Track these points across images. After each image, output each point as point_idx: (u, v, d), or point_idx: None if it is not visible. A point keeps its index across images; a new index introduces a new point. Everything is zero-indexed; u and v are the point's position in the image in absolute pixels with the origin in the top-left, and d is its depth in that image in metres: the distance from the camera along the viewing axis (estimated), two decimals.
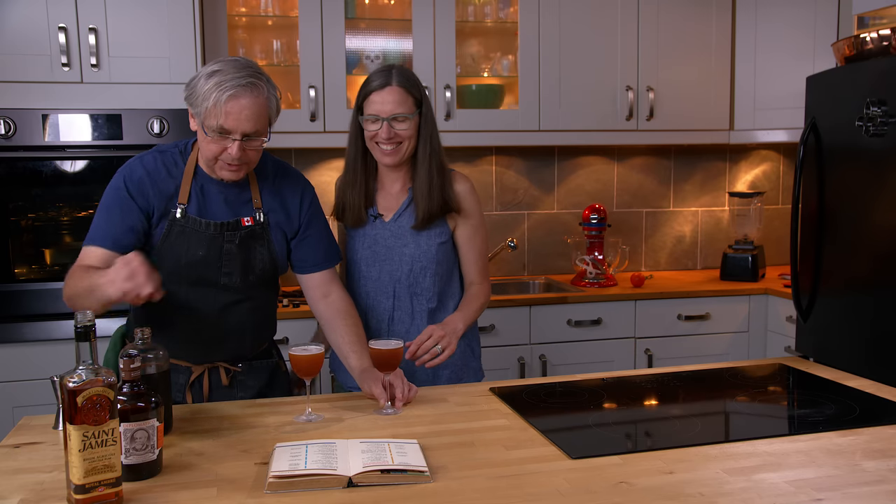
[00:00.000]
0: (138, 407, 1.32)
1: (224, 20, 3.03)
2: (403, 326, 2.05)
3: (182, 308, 1.80)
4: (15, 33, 2.69)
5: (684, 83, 3.46)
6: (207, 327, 1.82)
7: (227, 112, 1.64)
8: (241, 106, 1.64)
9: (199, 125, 1.69)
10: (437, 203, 2.01)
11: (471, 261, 2.11)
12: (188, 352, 1.84)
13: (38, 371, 2.69)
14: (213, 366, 1.87)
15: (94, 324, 1.25)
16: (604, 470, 1.35)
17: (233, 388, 1.89)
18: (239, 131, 1.66)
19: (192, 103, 1.69)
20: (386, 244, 2.04)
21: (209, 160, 1.73)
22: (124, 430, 1.29)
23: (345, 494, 1.26)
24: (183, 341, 1.82)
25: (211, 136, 1.67)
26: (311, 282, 1.91)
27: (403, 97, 1.95)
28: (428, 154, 2.01)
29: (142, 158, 1.80)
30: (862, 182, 2.54)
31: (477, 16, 3.37)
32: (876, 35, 2.55)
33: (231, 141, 1.67)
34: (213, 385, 1.86)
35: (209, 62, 1.71)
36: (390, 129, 1.95)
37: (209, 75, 1.65)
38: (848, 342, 2.61)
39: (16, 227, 2.76)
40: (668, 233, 3.88)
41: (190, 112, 1.72)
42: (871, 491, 1.25)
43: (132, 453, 1.31)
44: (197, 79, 1.68)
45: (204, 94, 1.64)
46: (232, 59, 1.69)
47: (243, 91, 1.64)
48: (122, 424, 1.29)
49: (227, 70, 1.65)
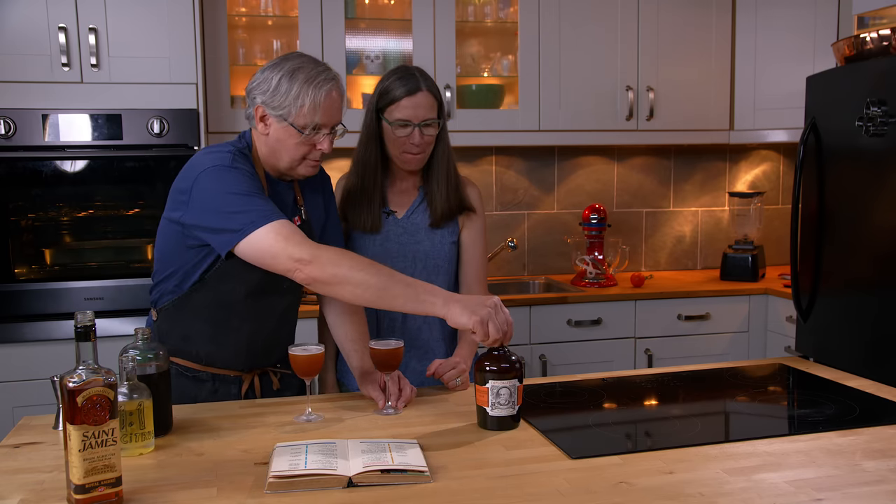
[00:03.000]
0: (503, 368, 1.52)
1: (224, 20, 3.03)
2: (416, 323, 2.05)
3: (244, 317, 1.76)
4: (15, 33, 2.69)
5: (684, 83, 3.46)
6: (266, 335, 1.81)
7: (325, 107, 1.64)
8: (334, 99, 1.66)
9: (286, 126, 1.64)
10: (454, 202, 2.02)
11: (473, 263, 2.10)
12: (245, 361, 1.81)
13: (38, 371, 2.69)
14: (262, 371, 1.86)
15: (94, 324, 1.25)
16: (604, 470, 1.34)
17: (282, 390, 1.89)
18: (332, 124, 1.67)
19: (275, 106, 1.64)
20: (398, 241, 2.03)
21: (295, 160, 1.69)
22: (491, 387, 1.53)
23: (345, 494, 1.26)
24: (244, 352, 1.80)
25: (307, 134, 1.64)
26: None
27: (432, 102, 1.94)
28: (446, 155, 2.02)
29: (233, 155, 1.66)
30: (862, 182, 2.54)
31: (477, 16, 3.37)
32: (876, 35, 2.55)
33: (322, 136, 1.67)
34: (264, 391, 1.86)
35: (272, 61, 1.67)
36: (422, 135, 1.93)
37: (291, 74, 1.62)
38: (848, 342, 2.61)
39: (16, 227, 2.76)
40: (668, 233, 3.88)
41: (261, 115, 1.67)
42: (871, 491, 1.25)
43: (497, 407, 1.52)
44: (274, 80, 1.63)
45: (296, 94, 1.62)
46: (295, 55, 1.68)
47: (335, 84, 1.65)
48: (490, 381, 1.52)
49: (308, 66, 1.64)
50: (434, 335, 2.05)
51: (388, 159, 2.01)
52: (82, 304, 2.77)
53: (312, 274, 1.53)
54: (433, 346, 2.06)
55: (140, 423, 1.43)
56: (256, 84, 1.67)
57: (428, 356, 2.05)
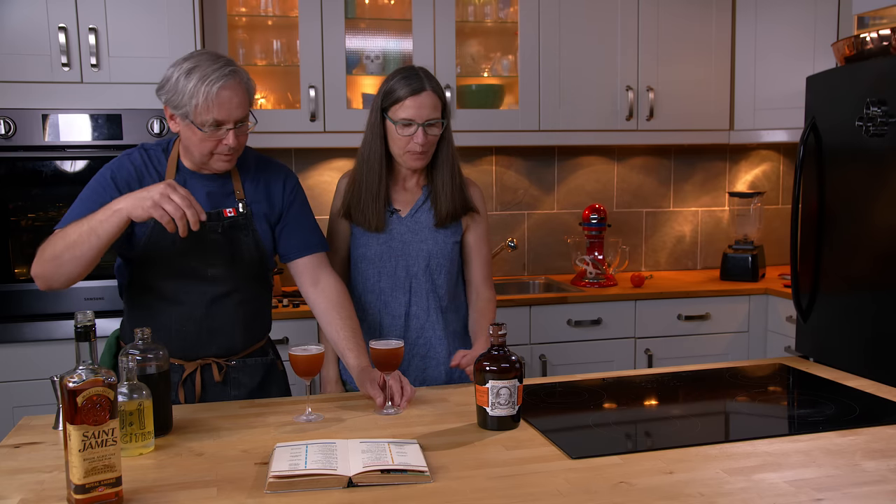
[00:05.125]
0: (503, 368, 1.53)
1: (224, 20, 3.03)
2: (419, 322, 2.05)
3: (171, 302, 1.82)
4: (15, 33, 2.69)
5: (684, 83, 3.46)
6: (197, 321, 1.83)
7: (219, 104, 1.67)
8: (231, 95, 1.69)
9: (188, 124, 1.71)
10: (459, 204, 2.03)
11: (479, 263, 2.11)
12: (179, 347, 1.83)
13: (38, 371, 2.69)
14: (205, 362, 1.87)
15: (94, 324, 1.25)
16: (604, 470, 1.35)
17: (226, 385, 1.89)
18: (232, 120, 1.70)
19: (175, 104, 1.71)
20: (402, 239, 2.03)
21: (204, 156, 1.75)
22: (491, 387, 1.53)
23: (345, 494, 1.26)
24: (174, 337, 1.82)
25: (206, 131, 1.69)
26: (299, 268, 1.92)
27: (436, 102, 1.95)
28: (451, 155, 2.03)
29: (129, 155, 1.83)
30: (862, 182, 2.54)
31: (477, 16, 3.37)
32: (876, 35, 2.55)
33: (225, 131, 1.71)
34: (205, 382, 1.87)
35: (175, 62, 1.73)
36: (425, 135, 1.94)
37: (187, 73, 1.68)
38: (848, 342, 2.61)
39: (16, 227, 2.76)
40: (668, 233, 3.88)
41: (169, 114, 1.74)
42: (871, 491, 1.25)
43: (497, 407, 1.53)
44: (173, 79, 1.70)
45: (190, 92, 1.67)
46: (197, 52, 1.74)
47: (229, 80, 1.69)
48: (490, 381, 1.52)
49: (204, 64, 1.69)
50: (437, 334, 2.06)
51: (392, 158, 2.02)
52: (82, 304, 2.77)
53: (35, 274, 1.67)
54: (434, 345, 2.06)
55: (140, 423, 1.43)
56: (162, 83, 1.74)
57: (430, 356, 2.05)
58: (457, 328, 2.11)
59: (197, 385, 1.85)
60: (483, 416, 1.56)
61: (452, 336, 2.09)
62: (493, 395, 1.53)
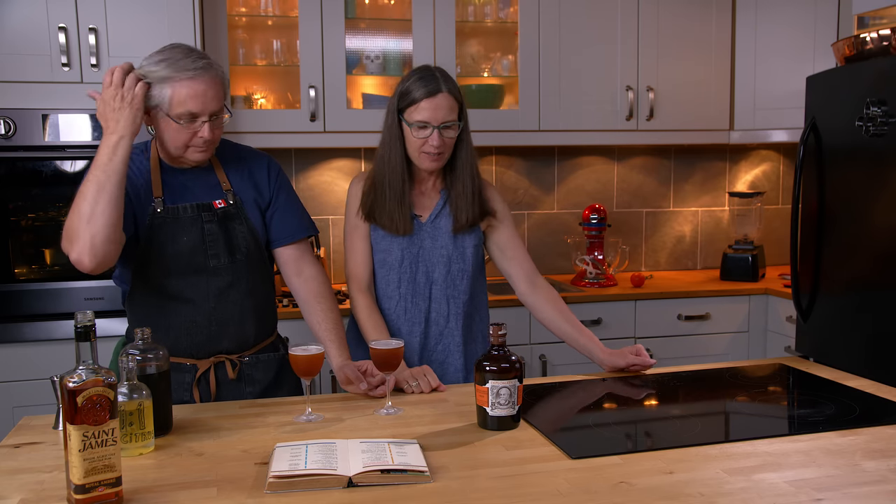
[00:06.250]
0: (503, 368, 1.53)
1: (224, 20, 3.03)
2: (438, 328, 2.05)
3: (178, 300, 1.82)
4: (15, 33, 2.69)
5: (684, 83, 3.46)
6: (206, 314, 1.83)
7: (191, 97, 1.69)
8: (205, 87, 1.70)
9: (164, 117, 1.72)
10: (477, 211, 2.02)
11: (522, 257, 2.11)
12: (191, 346, 1.84)
13: (38, 371, 2.69)
14: (218, 360, 1.87)
15: (94, 324, 1.25)
16: (604, 470, 1.35)
17: (240, 382, 1.89)
18: (207, 112, 1.72)
19: (149, 98, 1.71)
20: (422, 244, 2.02)
21: (179, 148, 1.76)
22: (491, 387, 1.52)
23: (345, 494, 1.26)
24: (184, 335, 1.82)
25: (181, 124, 1.71)
26: (283, 257, 1.93)
27: (453, 103, 1.92)
28: (469, 158, 2.01)
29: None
30: (862, 182, 2.54)
31: (477, 16, 3.37)
32: (876, 35, 2.55)
33: (200, 124, 1.72)
34: (219, 380, 1.86)
35: (148, 56, 1.73)
36: (441, 137, 1.92)
37: (161, 66, 1.69)
38: (848, 342, 2.61)
39: (16, 227, 2.76)
40: (668, 233, 3.88)
41: (146, 109, 1.74)
42: (871, 491, 1.25)
43: (497, 407, 1.52)
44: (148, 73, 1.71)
45: (162, 86, 1.69)
46: (168, 47, 1.74)
47: (202, 73, 1.70)
48: (490, 381, 1.52)
49: (175, 58, 1.70)
50: (455, 340, 2.05)
51: (411, 160, 2.00)
52: (82, 304, 2.77)
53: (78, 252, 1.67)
54: (452, 351, 2.06)
55: (140, 423, 1.43)
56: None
57: (448, 362, 2.06)
58: (475, 334, 2.10)
59: (212, 383, 1.85)
60: (483, 416, 1.56)
61: (471, 342, 2.09)
62: (493, 395, 1.53)
